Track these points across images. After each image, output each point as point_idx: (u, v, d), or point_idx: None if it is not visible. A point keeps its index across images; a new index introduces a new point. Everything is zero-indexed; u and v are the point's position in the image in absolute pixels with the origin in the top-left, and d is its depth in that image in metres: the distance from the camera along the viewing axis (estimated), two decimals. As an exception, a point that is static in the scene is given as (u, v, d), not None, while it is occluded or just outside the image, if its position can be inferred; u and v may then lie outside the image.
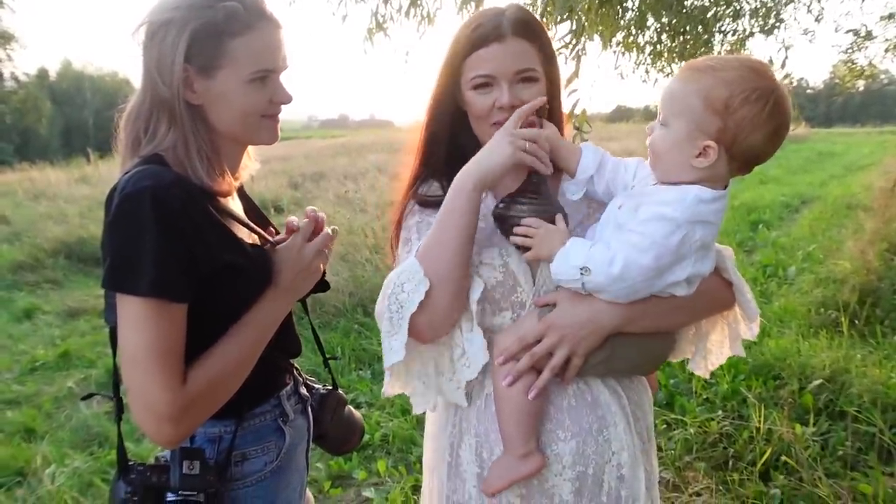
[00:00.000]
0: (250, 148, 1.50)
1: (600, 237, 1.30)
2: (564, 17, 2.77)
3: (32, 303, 6.95)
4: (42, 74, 41.39)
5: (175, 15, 1.21)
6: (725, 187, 1.25)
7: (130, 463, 1.27)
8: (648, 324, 1.30)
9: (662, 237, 1.18)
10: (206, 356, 1.21)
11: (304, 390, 1.55)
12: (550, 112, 1.42)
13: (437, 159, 1.47)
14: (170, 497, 1.23)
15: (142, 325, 1.12)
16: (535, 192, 1.31)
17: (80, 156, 18.57)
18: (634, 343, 1.32)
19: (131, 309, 1.13)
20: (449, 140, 1.46)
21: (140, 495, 1.23)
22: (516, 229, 1.29)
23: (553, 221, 1.29)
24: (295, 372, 1.55)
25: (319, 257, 1.39)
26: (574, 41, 2.90)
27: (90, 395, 1.28)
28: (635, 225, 1.21)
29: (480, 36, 1.35)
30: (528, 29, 1.37)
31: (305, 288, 1.39)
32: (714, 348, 1.50)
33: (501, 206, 1.33)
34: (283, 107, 1.36)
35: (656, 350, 1.38)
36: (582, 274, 1.22)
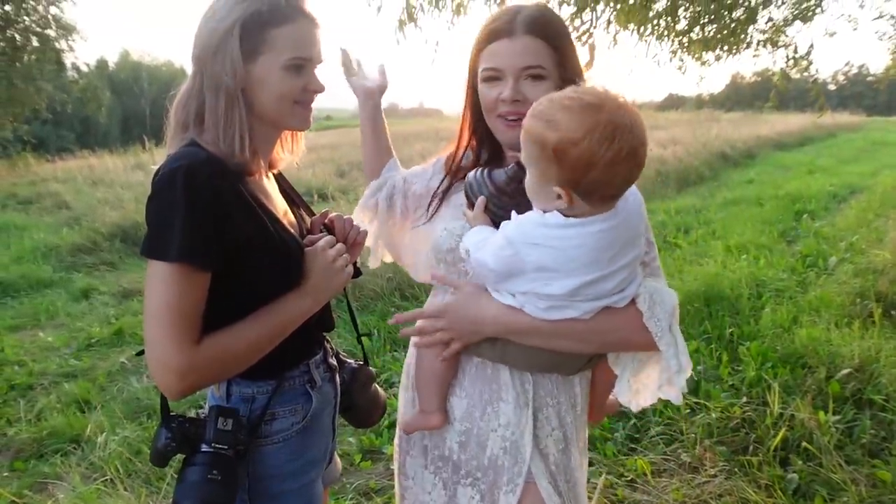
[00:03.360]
0: (301, 140, 1.65)
1: None
2: (583, 6, 2.82)
3: (90, 283, 7.22)
4: (102, 65, 42.62)
5: (228, 4, 1.36)
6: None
7: (172, 414, 1.40)
8: (535, 342, 1.38)
9: (498, 248, 1.28)
10: (225, 329, 1.33)
11: (333, 360, 1.67)
12: None
13: (475, 142, 1.62)
14: (203, 448, 1.35)
15: (165, 286, 1.25)
16: (499, 180, 1.41)
17: (137, 143, 19.10)
18: (524, 351, 1.41)
19: (158, 272, 1.26)
20: (478, 126, 1.58)
21: (178, 443, 1.36)
22: (464, 209, 1.48)
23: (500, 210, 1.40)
24: (326, 344, 1.67)
25: (341, 259, 1.50)
26: (589, 29, 2.95)
27: (142, 353, 1.43)
28: (499, 231, 1.33)
29: (493, 31, 1.44)
30: (540, 27, 1.42)
31: (333, 286, 1.50)
32: (651, 385, 1.46)
33: (470, 180, 1.46)
34: (325, 98, 1.49)
35: (555, 360, 1.42)
36: (467, 253, 1.37)
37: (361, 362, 1.78)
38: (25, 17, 19.05)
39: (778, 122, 24.41)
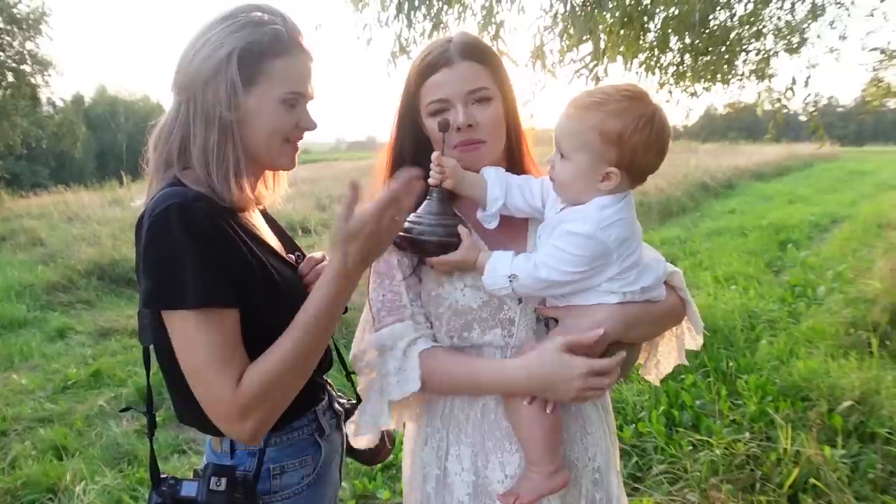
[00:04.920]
0: (283, 179, 1.57)
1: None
2: (585, 38, 2.79)
3: (65, 323, 7.02)
4: (78, 100, 42.17)
5: (224, 32, 1.27)
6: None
7: (163, 476, 1.31)
8: (639, 333, 1.43)
9: (575, 248, 1.31)
10: (263, 356, 1.23)
11: (337, 406, 1.59)
12: (508, 129, 1.50)
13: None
14: None
15: (194, 338, 1.16)
16: (437, 209, 1.38)
17: (113, 179, 18.88)
18: (626, 352, 1.43)
19: (181, 323, 1.17)
20: (412, 164, 1.48)
21: None
22: (434, 260, 1.39)
23: (456, 235, 1.37)
24: (329, 387, 1.59)
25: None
26: (594, 63, 2.92)
27: (127, 409, 1.33)
28: (554, 240, 1.34)
29: (430, 64, 1.43)
30: (476, 51, 1.44)
31: (376, 254, 1.30)
32: (663, 358, 1.65)
33: (406, 226, 1.36)
34: (306, 134, 1.42)
35: (634, 359, 1.55)
36: (510, 281, 1.34)
37: (354, 401, 1.69)
38: (0, 53, 18.92)
39: (755, 152, 24.78)
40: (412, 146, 1.50)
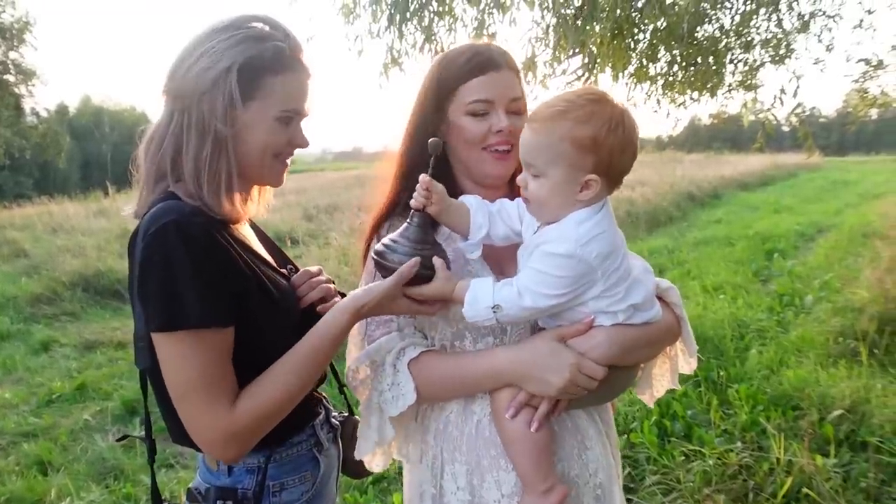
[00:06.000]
0: (269, 191, 1.54)
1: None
2: (577, 50, 2.80)
3: (50, 335, 6.96)
4: (62, 110, 41.82)
5: (224, 44, 1.25)
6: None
7: (165, 502, 1.29)
8: (637, 356, 1.41)
9: (557, 269, 1.25)
10: (256, 381, 1.22)
11: (334, 420, 1.57)
12: None
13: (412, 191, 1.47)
14: None
15: (187, 359, 1.14)
16: (414, 236, 1.32)
17: (98, 189, 18.74)
18: (623, 374, 1.41)
19: (176, 343, 1.14)
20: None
21: None
22: (408, 291, 1.31)
23: (430, 267, 1.30)
24: (325, 401, 1.57)
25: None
26: (586, 75, 2.93)
27: (125, 437, 1.30)
28: (533, 263, 1.28)
29: (478, 64, 1.42)
30: (513, 63, 1.49)
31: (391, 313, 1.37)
32: (656, 381, 1.64)
33: (379, 249, 1.32)
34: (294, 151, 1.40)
35: (632, 379, 1.51)
36: (494, 311, 1.27)
37: (346, 413, 1.69)
38: (-16, 63, 18.82)
39: (739, 162, 24.95)
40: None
